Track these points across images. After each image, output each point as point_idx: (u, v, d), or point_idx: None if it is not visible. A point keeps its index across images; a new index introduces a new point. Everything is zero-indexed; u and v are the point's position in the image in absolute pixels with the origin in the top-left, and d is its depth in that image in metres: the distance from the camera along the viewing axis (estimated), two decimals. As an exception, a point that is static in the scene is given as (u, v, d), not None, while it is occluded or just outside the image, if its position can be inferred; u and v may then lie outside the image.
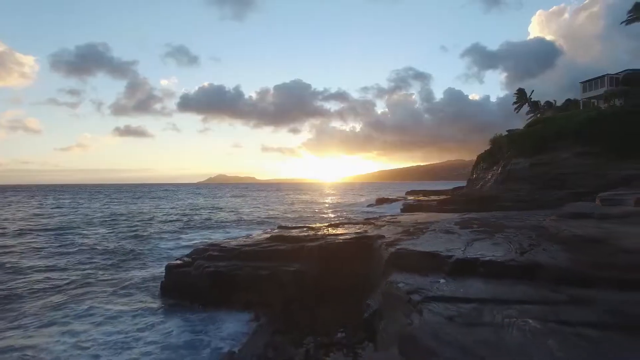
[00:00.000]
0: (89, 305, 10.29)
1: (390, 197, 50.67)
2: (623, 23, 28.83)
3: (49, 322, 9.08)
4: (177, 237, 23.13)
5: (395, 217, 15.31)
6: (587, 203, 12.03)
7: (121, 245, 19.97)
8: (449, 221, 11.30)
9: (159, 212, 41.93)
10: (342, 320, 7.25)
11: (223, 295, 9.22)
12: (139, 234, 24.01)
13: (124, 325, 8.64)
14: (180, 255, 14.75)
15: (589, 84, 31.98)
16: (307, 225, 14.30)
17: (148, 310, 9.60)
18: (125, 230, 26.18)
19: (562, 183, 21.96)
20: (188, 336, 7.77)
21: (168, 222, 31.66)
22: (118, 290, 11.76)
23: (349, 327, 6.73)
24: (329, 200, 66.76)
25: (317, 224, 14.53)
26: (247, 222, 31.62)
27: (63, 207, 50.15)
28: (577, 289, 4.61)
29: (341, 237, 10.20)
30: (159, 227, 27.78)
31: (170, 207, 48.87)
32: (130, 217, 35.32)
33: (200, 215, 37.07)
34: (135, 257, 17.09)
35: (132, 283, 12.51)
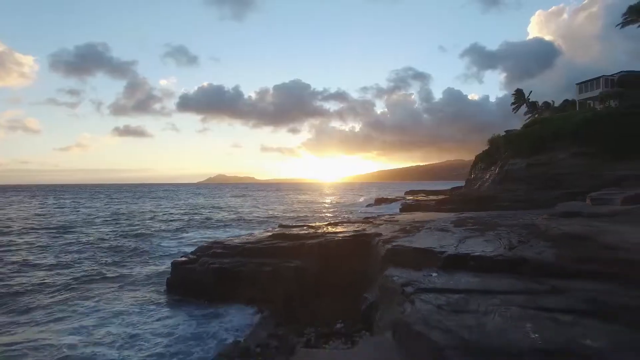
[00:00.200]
0: (97, 300, 10.66)
1: (389, 197, 51.00)
2: (618, 26, 28.89)
3: (59, 317, 9.41)
4: (178, 236, 23.51)
5: (394, 216, 15.65)
6: (579, 202, 12.40)
7: (124, 243, 20.34)
8: (445, 220, 11.67)
9: (159, 211, 42.31)
10: (341, 313, 7.62)
11: (227, 291, 9.58)
12: (140, 233, 24.39)
13: (132, 319, 8.99)
14: (182, 253, 15.13)
15: (585, 85, 32.20)
16: (307, 224, 14.67)
17: (154, 305, 9.97)
18: (127, 229, 26.55)
19: (559, 183, 22.26)
20: (195, 328, 8.15)
21: (169, 221, 32.05)
22: (124, 286, 12.14)
23: (347, 319, 7.10)
24: (329, 200, 67.17)
25: (317, 223, 14.88)
26: (247, 221, 32.00)
27: (64, 206, 50.54)
28: (558, 281, 5.00)
29: (340, 235, 10.55)
30: (160, 226, 28.16)
31: (171, 207, 49.26)
32: (131, 217, 35.69)
33: (201, 215, 37.44)
34: (138, 255, 17.46)
35: (137, 279, 12.90)
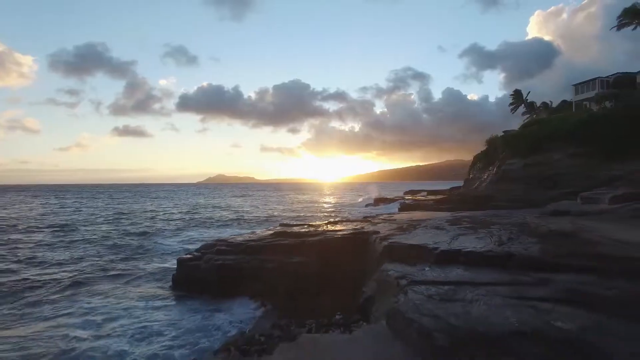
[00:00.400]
0: (104, 296, 11.04)
1: (388, 197, 51.28)
2: (613, 29, 29.12)
3: (68, 312, 9.76)
4: (180, 235, 23.92)
5: (392, 215, 16.00)
6: (570, 202, 12.76)
7: (127, 241, 20.74)
8: (441, 219, 12.03)
9: (161, 211, 42.73)
10: (340, 307, 7.99)
11: (231, 286, 9.96)
12: (143, 232, 24.81)
13: (139, 314, 9.37)
14: (185, 251, 15.51)
15: (581, 86, 32.50)
16: (307, 223, 15.04)
17: (160, 300, 10.35)
18: (130, 227, 26.97)
19: (555, 183, 22.57)
20: (200, 321, 8.53)
21: (171, 220, 32.46)
22: (130, 282, 12.54)
23: (346, 312, 7.49)
24: (328, 200, 67.59)
25: (317, 222, 15.25)
26: (248, 221, 32.37)
27: (67, 206, 50.93)
28: (542, 274, 5.37)
29: (339, 233, 10.92)
30: (162, 226, 28.56)
31: (172, 207, 49.67)
32: (133, 216, 36.11)
33: (201, 215, 37.85)
34: (141, 252, 17.85)
35: (141, 276, 13.28)
